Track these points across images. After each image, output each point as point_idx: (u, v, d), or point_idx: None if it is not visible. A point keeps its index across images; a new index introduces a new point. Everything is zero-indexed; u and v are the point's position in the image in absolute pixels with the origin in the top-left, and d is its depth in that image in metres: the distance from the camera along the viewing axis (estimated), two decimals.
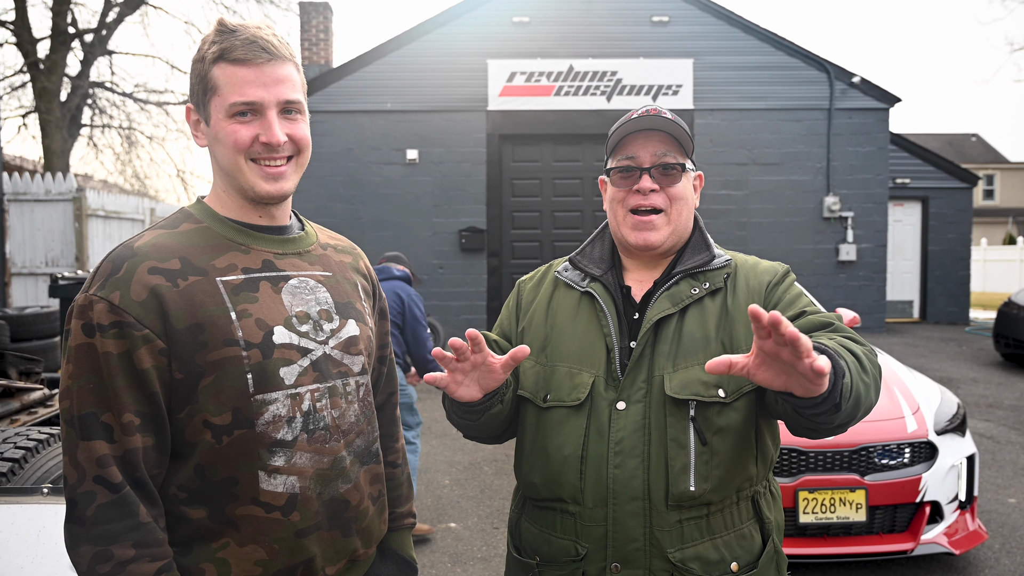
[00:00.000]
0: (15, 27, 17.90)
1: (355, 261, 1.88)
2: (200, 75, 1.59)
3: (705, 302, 1.87)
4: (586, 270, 1.98)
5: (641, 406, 1.79)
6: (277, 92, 1.58)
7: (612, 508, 1.77)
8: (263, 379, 1.53)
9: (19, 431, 3.20)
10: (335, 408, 1.64)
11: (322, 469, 1.60)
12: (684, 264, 1.92)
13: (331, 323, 1.68)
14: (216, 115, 1.58)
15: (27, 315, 8.81)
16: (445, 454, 7.23)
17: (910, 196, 18.17)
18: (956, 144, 44.09)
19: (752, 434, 1.80)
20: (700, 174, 2.00)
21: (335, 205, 14.05)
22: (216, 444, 1.51)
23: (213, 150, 1.63)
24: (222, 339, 1.51)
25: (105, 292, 1.48)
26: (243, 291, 1.56)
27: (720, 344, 1.81)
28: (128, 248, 1.54)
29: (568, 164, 14.59)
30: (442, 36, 14.21)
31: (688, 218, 1.95)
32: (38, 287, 11.98)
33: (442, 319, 13.41)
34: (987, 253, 30.66)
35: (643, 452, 1.76)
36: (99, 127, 21.95)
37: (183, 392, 1.50)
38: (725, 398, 1.76)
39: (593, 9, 14.29)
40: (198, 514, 1.53)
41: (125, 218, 13.35)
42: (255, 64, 1.56)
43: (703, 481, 1.74)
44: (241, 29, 1.58)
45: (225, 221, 1.64)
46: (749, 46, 14.33)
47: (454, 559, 4.97)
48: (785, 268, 1.98)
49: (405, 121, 14.20)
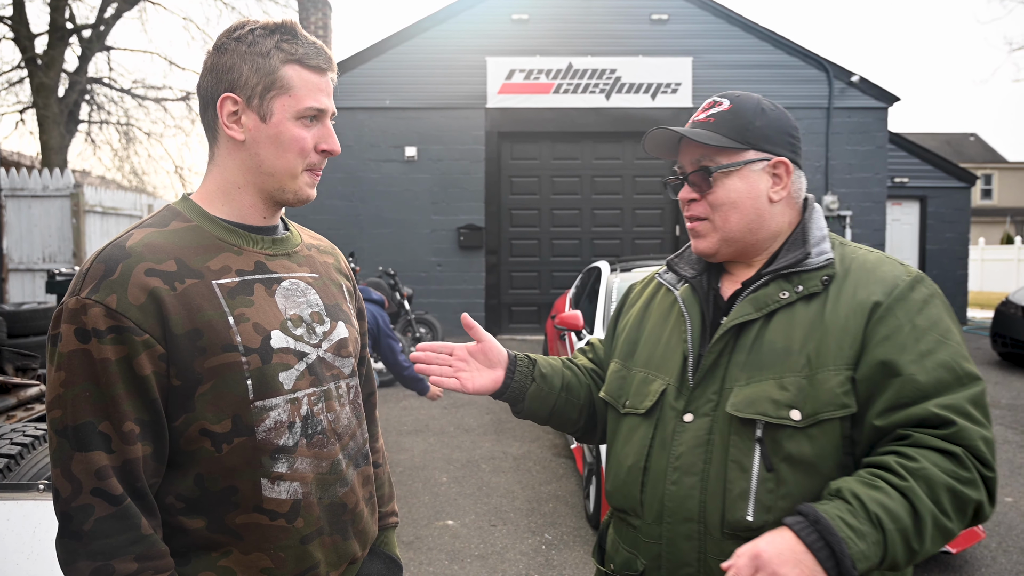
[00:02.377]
0: (13, 22, 17.86)
1: (337, 262, 1.86)
2: (263, 70, 1.55)
3: (796, 308, 1.63)
4: (680, 272, 1.85)
5: (707, 420, 1.64)
6: (332, 103, 1.63)
7: (667, 527, 1.66)
8: (263, 385, 1.50)
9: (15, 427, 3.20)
10: (330, 412, 1.62)
11: (322, 473, 1.59)
12: (777, 263, 1.69)
13: (323, 326, 1.66)
14: (281, 114, 1.56)
15: (24, 311, 8.79)
16: (442, 451, 7.24)
17: (908, 195, 18.18)
18: (954, 143, 44.15)
19: (835, 470, 1.55)
20: (780, 160, 1.72)
21: (333, 202, 14.04)
22: (216, 453, 1.48)
23: (259, 147, 1.58)
24: (221, 345, 1.47)
25: (100, 295, 1.40)
26: (239, 294, 1.53)
27: (805, 358, 1.58)
28: (119, 248, 1.47)
29: (567, 162, 14.60)
30: (441, 33, 14.21)
31: (746, 221, 1.71)
32: (35, 283, 11.96)
33: (440, 316, 13.39)
34: (985, 252, 30.74)
35: (702, 471, 1.62)
36: (97, 123, 21.92)
37: (179, 400, 1.46)
38: (799, 422, 1.54)
39: (592, 7, 14.30)
40: (196, 524, 1.49)
41: (123, 214, 13.32)
42: (325, 73, 1.61)
43: (764, 511, 1.55)
44: (303, 35, 1.60)
45: (215, 220, 1.59)
46: (748, 44, 14.34)
47: (451, 556, 4.97)
48: (910, 280, 1.63)
49: (404, 118, 14.20)
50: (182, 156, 39.01)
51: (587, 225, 14.66)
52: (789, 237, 1.74)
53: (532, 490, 6.21)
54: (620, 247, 14.61)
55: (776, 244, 1.74)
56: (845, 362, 1.55)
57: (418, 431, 7.95)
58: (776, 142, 1.71)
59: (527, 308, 14.65)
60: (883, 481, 1.44)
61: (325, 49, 1.62)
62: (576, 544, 5.17)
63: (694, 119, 1.77)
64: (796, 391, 1.55)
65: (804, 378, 1.56)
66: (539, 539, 5.25)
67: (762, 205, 1.71)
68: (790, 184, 1.72)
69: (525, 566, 4.84)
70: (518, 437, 7.71)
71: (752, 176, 1.70)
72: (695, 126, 1.74)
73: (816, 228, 1.72)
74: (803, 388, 1.55)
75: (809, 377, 1.55)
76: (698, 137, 1.69)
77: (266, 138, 1.57)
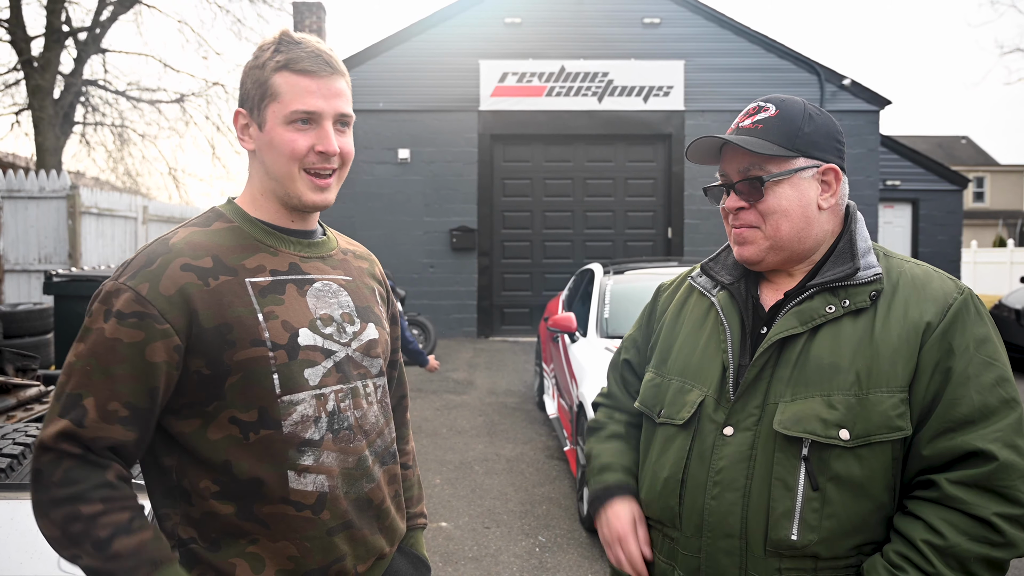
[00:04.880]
0: (9, 25, 17.88)
1: (371, 267, 1.92)
2: (259, 81, 1.63)
3: (844, 323, 1.59)
4: (716, 277, 1.80)
5: (750, 435, 1.60)
6: (335, 105, 1.64)
7: (707, 541, 1.63)
8: (289, 380, 1.56)
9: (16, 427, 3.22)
10: (357, 409, 1.67)
11: (348, 468, 1.64)
12: (823, 276, 1.64)
13: (353, 326, 1.71)
14: (273, 120, 1.62)
15: (20, 312, 8.84)
16: (435, 453, 7.24)
17: (900, 198, 18.28)
18: (946, 146, 44.25)
19: (884, 491, 1.54)
20: (830, 166, 1.67)
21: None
22: (244, 440, 1.54)
23: (263, 155, 1.66)
24: (249, 339, 1.54)
25: (135, 282, 1.50)
26: (270, 293, 1.60)
27: (854, 376, 1.54)
28: (163, 244, 1.57)
29: (559, 164, 14.66)
30: (434, 36, 14.26)
31: (796, 230, 1.66)
32: (31, 284, 11.99)
33: (432, 318, 13.45)
34: (977, 255, 30.63)
35: (744, 487, 1.58)
36: (92, 125, 21.93)
37: (211, 388, 1.53)
38: (848, 441, 1.51)
39: (584, 10, 14.37)
40: (226, 510, 1.55)
41: (118, 215, 13.35)
42: (318, 76, 1.62)
43: (809, 531, 1.52)
44: (305, 42, 1.63)
45: (255, 222, 1.68)
46: (740, 48, 14.41)
47: (445, 558, 4.98)
48: (962, 299, 1.60)
49: (397, 121, 14.25)
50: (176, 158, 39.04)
51: (579, 227, 14.71)
52: (833, 247, 1.69)
53: (526, 492, 6.19)
54: (612, 249, 14.66)
55: (819, 253, 1.70)
56: (899, 384, 1.53)
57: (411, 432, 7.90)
58: (825, 148, 1.68)
59: (519, 310, 14.70)
60: (911, 565, 1.47)
61: (324, 52, 1.65)
62: (570, 547, 5.16)
63: (738, 124, 1.72)
64: (845, 410, 1.52)
65: (853, 397, 1.53)
66: (533, 541, 5.24)
67: (811, 213, 1.66)
68: (839, 191, 1.69)
69: (519, 568, 4.84)
70: (511, 439, 7.70)
71: (802, 184, 1.65)
72: (740, 132, 1.70)
73: (861, 239, 1.68)
74: (852, 407, 1.52)
75: (859, 396, 1.53)
76: (749, 146, 1.63)
77: (265, 145, 1.64)
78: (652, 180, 14.68)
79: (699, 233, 14.38)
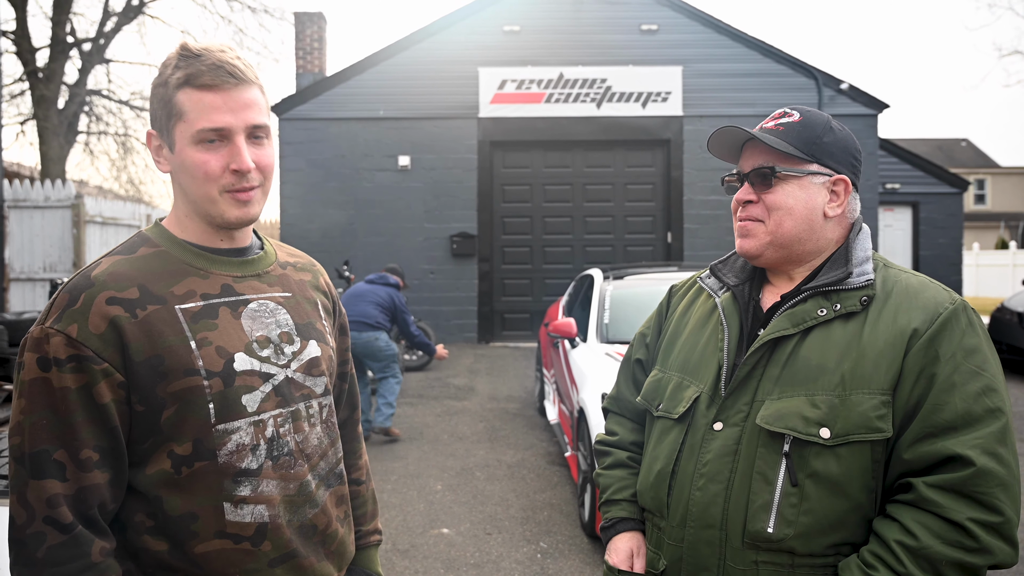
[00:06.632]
0: (16, 36, 18.00)
1: (315, 279, 1.82)
2: (163, 100, 1.53)
3: (834, 326, 1.65)
4: (723, 278, 1.87)
5: (737, 430, 1.67)
6: (245, 117, 1.52)
7: (690, 531, 1.70)
8: (225, 408, 1.49)
9: None
10: (298, 432, 1.60)
11: (289, 495, 1.57)
12: (817, 280, 1.70)
13: (292, 345, 1.63)
14: (181, 142, 1.52)
15: (25, 320, 8.90)
16: (437, 459, 7.24)
17: (900, 201, 18.31)
18: (946, 149, 44.23)
19: (862, 491, 1.58)
20: (841, 177, 1.73)
21: (328, 211, 14.17)
22: (175, 475, 1.47)
23: (178, 177, 1.56)
24: (182, 369, 1.46)
25: (62, 325, 1.42)
26: (202, 318, 1.52)
27: (839, 377, 1.59)
28: (85, 278, 1.48)
29: (558, 170, 14.72)
30: (434, 45, 14.34)
31: (798, 230, 1.72)
32: (35, 292, 12.09)
33: (433, 324, 13.51)
34: (979, 258, 30.48)
35: (727, 479, 1.65)
36: (95, 134, 22.11)
37: (145, 424, 1.47)
38: (827, 440, 1.56)
39: (583, 18, 14.43)
40: (159, 547, 1.49)
41: (122, 224, 13.43)
42: (222, 89, 1.50)
43: (785, 525, 1.57)
44: (206, 53, 1.51)
45: (184, 245, 1.59)
46: (737, 54, 14.46)
47: (447, 565, 4.98)
48: (952, 309, 1.62)
49: (397, 128, 14.32)
50: None
51: (579, 233, 14.77)
52: (832, 254, 1.74)
53: (527, 498, 6.19)
54: (612, 255, 14.71)
55: (819, 260, 1.75)
56: (880, 387, 1.57)
57: (412, 439, 7.94)
58: (840, 160, 1.73)
59: (520, 315, 14.75)
60: (883, 565, 1.51)
61: (227, 62, 1.52)
62: (571, 553, 5.15)
63: (762, 126, 1.78)
64: (827, 409, 1.57)
65: (836, 397, 1.58)
66: (534, 547, 5.25)
67: (816, 217, 1.71)
68: (846, 203, 1.74)
69: (521, 574, 4.85)
70: (512, 445, 7.71)
71: (811, 187, 1.71)
72: (763, 132, 1.75)
73: (860, 249, 1.73)
74: (835, 407, 1.57)
75: (842, 397, 1.57)
76: (766, 139, 1.70)
77: (178, 167, 1.55)
78: (651, 185, 14.74)
79: (699, 238, 14.43)
